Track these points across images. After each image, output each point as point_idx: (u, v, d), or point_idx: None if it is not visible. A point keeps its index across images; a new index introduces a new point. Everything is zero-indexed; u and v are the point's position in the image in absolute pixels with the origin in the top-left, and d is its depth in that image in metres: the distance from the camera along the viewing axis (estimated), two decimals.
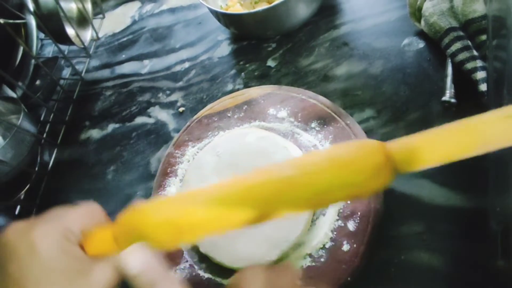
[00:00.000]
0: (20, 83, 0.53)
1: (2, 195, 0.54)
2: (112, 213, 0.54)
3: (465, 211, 0.37)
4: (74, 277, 0.23)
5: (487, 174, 0.36)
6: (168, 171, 0.47)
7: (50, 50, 0.74)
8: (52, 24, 0.55)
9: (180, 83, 0.60)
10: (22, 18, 0.52)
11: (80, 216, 0.26)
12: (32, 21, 0.51)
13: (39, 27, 0.54)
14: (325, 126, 0.42)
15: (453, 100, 0.41)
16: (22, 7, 0.52)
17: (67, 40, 0.59)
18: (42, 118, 0.64)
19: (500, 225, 0.31)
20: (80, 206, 0.27)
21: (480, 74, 0.39)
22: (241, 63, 0.56)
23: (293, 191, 0.24)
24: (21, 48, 0.53)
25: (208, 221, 0.25)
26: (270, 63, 0.54)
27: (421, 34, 0.47)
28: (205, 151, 0.45)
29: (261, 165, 0.29)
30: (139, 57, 0.66)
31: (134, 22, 0.71)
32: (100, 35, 0.71)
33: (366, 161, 0.23)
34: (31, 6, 0.51)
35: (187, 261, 0.42)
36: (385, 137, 0.43)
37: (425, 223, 0.37)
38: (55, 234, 0.24)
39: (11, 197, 0.55)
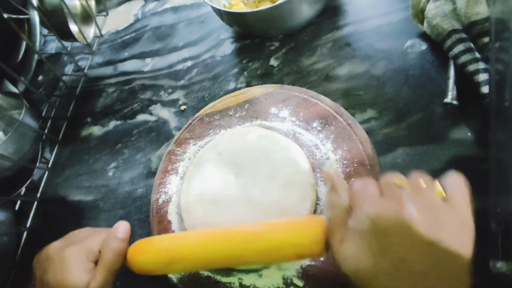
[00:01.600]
0: (22, 78, 0.53)
1: (3, 190, 0.54)
2: (111, 210, 0.54)
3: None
4: (86, 278, 0.34)
5: (488, 176, 0.36)
6: (169, 169, 0.47)
7: (53, 46, 0.74)
8: (55, 20, 0.55)
9: (182, 82, 0.60)
10: (26, 14, 0.52)
11: (100, 241, 0.37)
12: (36, 17, 0.51)
13: (42, 23, 0.54)
14: (326, 125, 0.42)
15: (455, 102, 0.41)
16: (26, 2, 0.52)
17: (70, 37, 0.59)
18: (43, 114, 0.64)
19: (500, 226, 0.31)
20: (102, 232, 0.38)
21: (482, 76, 0.39)
22: (244, 61, 0.56)
23: (258, 241, 0.32)
24: (24, 44, 0.53)
25: (194, 258, 0.34)
26: (273, 62, 0.54)
27: (423, 36, 0.47)
28: (206, 149, 0.45)
29: (262, 164, 0.36)
30: (142, 55, 0.66)
31: (137, 20, 0.72)
32: (103, 32, 0.72)
33: (313, 229, 0.31)
34: (35, 1, 0.51)
35: None
36: (386, 138, 0.43)
37: None
38: (79, 253, 0.35)
39: (12, 192, 0.55)
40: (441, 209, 0.26)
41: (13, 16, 0.47)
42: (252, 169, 0.40)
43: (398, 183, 0.28)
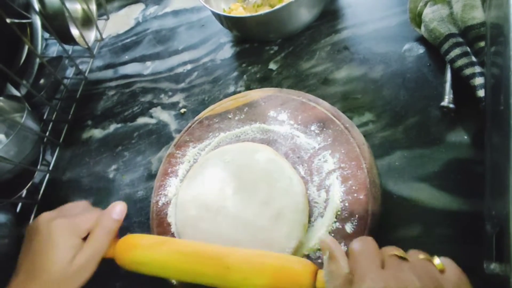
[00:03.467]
0: (24, 82, 0.54)
1: (4, 192, 0.54)
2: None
3: (462, 214, 0.37)
4: (69, 252, 0.34)
5: (484, 179, 0.37)
6: (169, 171, 0.48)
7: (54, 49, 0.74)
8: (57, 24, 0.55)
9: (182, 85, 0.60)
10: (28, 18, 0.53)
11: (91, 219, 0.37)
12: (38, 21, 0.52)
13: (44, 27, 0.55)
14: (324, 129, 0.42)
15: (451, 106, 0.41)
16: (28, 6, 0.53)
17: (71, 40, 0.59)
18: (45, 117, 0.64)
19: (495, 228, 0.31)
20: (96, 212, 0.38)
21: (478, 80, 0.39)
22: (243, 65, 0.57)
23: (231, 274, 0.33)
24: (26, 47, 0.54)
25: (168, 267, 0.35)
26: (272, 65, 0.55)
27: (421, 39, 0.48)
28: (214, 154, 0.45)
29: (261, 188, 0.40)
30: (142, 59, 0.67)
31: (138, 24, 0.72)
32: (104, 35, 0.72)
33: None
34: (37, 6, 0.52)
35: None
36: (383, 141, 0.44)
37: (422, 226, 0.38)
38: (67, 227, 0.35)
39: (13, 195, 0.56)
40: (441, 279, 0.26)
41: (16, 20, 0.48)
42: (251, 189, 0.40)
43: (400, 254, 0.28)
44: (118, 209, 0.38)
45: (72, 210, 0.38)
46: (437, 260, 0.28)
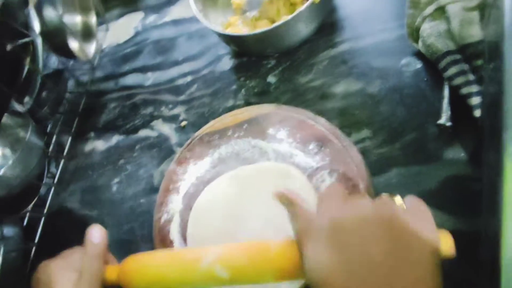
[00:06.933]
0: (27, 99, 0.55)
1: (11, 206, 0.55)
2: (116, 225, 0.55)
3: (461, 234, 0.38)
4: (68, 286, 0.35)
5: (481, 196, 0.37)
6: (170, 188, 0.49)
7: (54, 60, 0.75)
8: (57, 40, 0.56)
9: (183, 97, 0.61)
10: (29, 36, 0.54)
11: (81, 255, 0.38)
12: (39, 40, 0.53)
13: (44, 44, 0.55)
14: (322, 147, 0.43)
15: (448, 124, 0.42)
16: (28, 25, 0.53)
17: (71, 55, 0.60)
18: (48, 130, 0.65)
19: (489, 253, 0.32)
20: (82, 249, 0.38)
21: (475, 100, 0.40)
22: (242, 79, 0.57)
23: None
24: (27, 64, 0.55)
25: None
26: (270, 79, 0.55)
27: (418, 54, 0.48)
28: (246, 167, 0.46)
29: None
30: (143, 69, 0.67)
31: (138, 33, 0.73)
32: (103, 45, 0.73)
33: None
34: (36, 27, 0.52)
35: None
36: (380, 158, 0.44)
37: None
38: (62, 265, 0.37)
39: (20, 208, 0.57)
40: (397, 209, 0.27)
41: (18, 42, 0.48)
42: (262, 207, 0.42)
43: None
44: (94, 233, 0.38)
45: (66, 252, 0.40)
46: (397, 197, 0.30)
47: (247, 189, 0.44)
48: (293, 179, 0.42)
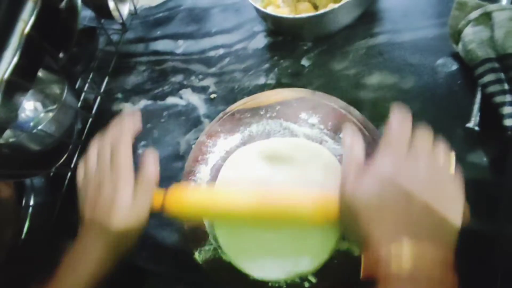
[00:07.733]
0: (62, 55, 0.55)
1: (42, 162, 0.57)
2: None
3: (476, 235, 0.40)
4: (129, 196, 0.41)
5: (497, 202, 0.39)
6: (199, 159, 0.51)
7: (85, 15, 0.74)
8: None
9: (213, 69, 0.61)
10: None
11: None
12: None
13: (83, 2, 0.55)
14: None
15: (476, 128, 0.43)
16: None
17: (107, 15, 0.60)
18: (76, 86, 0.66)
19: (505, 256, 0.34)
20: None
21: (507, 109, 0.41)
22: (275, 58, 0.58)
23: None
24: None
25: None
26: (304, 62, 0.56)
27: (455, 56, 0.48)
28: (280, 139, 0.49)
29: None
30: (174, 36, 0.67)
31: None
32: (136, 6, 0.72)
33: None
34: None
35: (211, 244, 0.46)
36: None
37: None
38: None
39: (51, 164, 0.59)
40: (444, 185, 0.35)
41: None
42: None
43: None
44: (150, 159, 0.45)
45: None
46: (452, 155, 0.37)
47: (276, 162, 0.46)
48: (324, 158, 0.44)
